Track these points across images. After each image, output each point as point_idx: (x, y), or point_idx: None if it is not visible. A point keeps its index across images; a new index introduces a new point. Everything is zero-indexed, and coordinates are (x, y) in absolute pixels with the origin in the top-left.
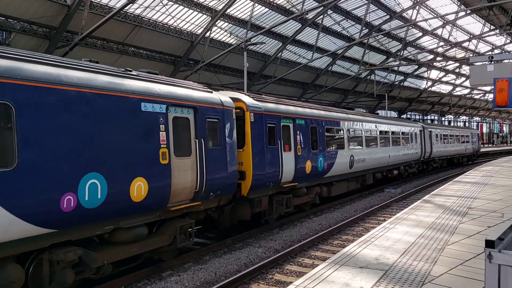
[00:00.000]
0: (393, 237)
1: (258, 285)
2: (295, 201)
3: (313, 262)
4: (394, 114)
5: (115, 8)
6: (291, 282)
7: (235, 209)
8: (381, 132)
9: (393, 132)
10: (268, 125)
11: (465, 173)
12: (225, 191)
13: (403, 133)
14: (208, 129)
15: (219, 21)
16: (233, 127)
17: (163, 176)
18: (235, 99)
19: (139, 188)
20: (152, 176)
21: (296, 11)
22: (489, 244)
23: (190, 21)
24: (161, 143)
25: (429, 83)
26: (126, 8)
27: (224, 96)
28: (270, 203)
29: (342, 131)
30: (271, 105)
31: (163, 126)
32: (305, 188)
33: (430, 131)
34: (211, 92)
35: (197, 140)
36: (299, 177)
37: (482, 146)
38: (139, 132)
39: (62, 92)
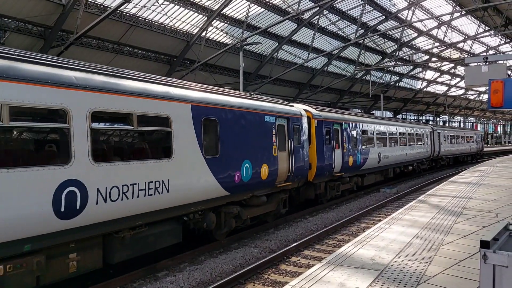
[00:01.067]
0: (389, 237)
1: (254, 285)
2: (341, 187)
3: (309, 262)
4: (389, 114)
5: (110, 8)
6: (286, 282)
7: (305, 190)
8: (400, 133)
9: (409, 134)
10: (325, 128)
11: (460, 173)
12: (302, 176)
13: (416, 134)
14: (294, 132)
15: (215, 21)
16: (307, 131)
17: (275, 164)
18: (305, 110)
19: (264, 171)
20: (270, 163)
21: (292, 11)
22: (484, 244)
23: (186, 20)
24: (273, 142)
25: (424, 84)
26: (121, 8)
27: (301, 109)
28: (325, 188)
29: (373, 133)
30: (327, 114)
31: (274, 130)
32: (348, 177)
33: (439, 132)
34: (293, 106)
35: (289, 140)
36: (344, 169)
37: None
38: (264, 134)
39: (234, 111)
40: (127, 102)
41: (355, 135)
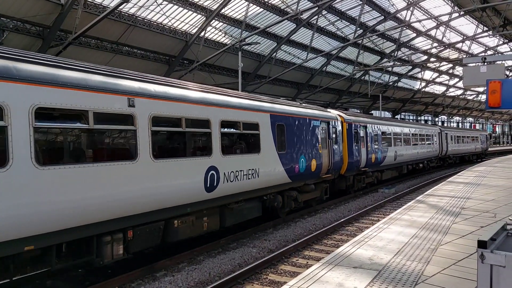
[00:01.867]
0: (387, 237)
1: (252, 285)
2: (366, 180)
3: (307, 262)
4: (388, 114)
5: (109, 7)
6: (285, 282)
7: (338, 181)
8: (412, 134)
9: (420, 134)
10: (354, 130)
11: (458, 174)
12: (337, 170)
13: (426, 135)
14: (332, 133)
15: (213, 21)
16: (341, 132)
17: (320, 159)
18: (339, 115)
19: (313, 164)
20: (317, 159)
21: (291, 11)
22: (482, 244)
23: (185, 20)
24: (319, 141)
25: (423, 84)
26: (120, 8)
27: (336, 114)
28: (353, 180)
29: (390, 134)
30: (354, 118)
31: (319, 132)
32: (371, 172)
33: (446, 133)
34: (330, 112)
35: (329, 140)
36: (368, 165)
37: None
38: (312, 135)
39: (294, 117)
40: (238, 115)
41: (376, 136)
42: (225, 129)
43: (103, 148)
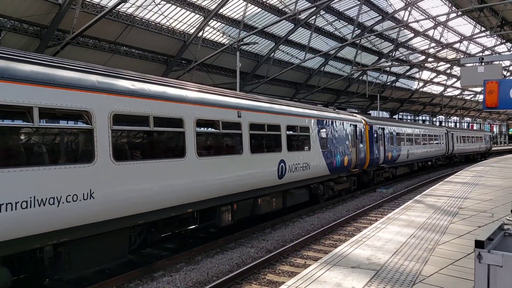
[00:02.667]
0: (385, 237)
1: (251, 285)
2: (384, 175)
3: (305, 262)
4: (386, 114)
5: (107, 7)
6: (283, 282)
7: (362, 176)
8: (422, 135)
9: (429, 135)
10: (374, 132)
11: (456, 174)
12: (362, 165)
13: (434, 135)
14: (358, 134)
15: (211, 20)
16: (364, 133)
17: (350, 156)
18: (363, 118)
19: (346, 160)
20: (348, 155)
21: (289, 11)
22: (479, 244)
23: (183, 20)
24: (349, 141)
25: (421, 84)
26: (118, 7)
27: (360, 117)
28: (373, 175)
29: (404, 135)
30: (374, 121)
31: (349, 133)
32: (387, 168)
33: (452, 134)
34: (356, 116)
35: (356, 140)
36: (385, 161)
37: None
38: (345, 136)
39: (332, 121)
40: (297, 120)
41: (392, 136)
42: (290, 132)
43: (225, 145)
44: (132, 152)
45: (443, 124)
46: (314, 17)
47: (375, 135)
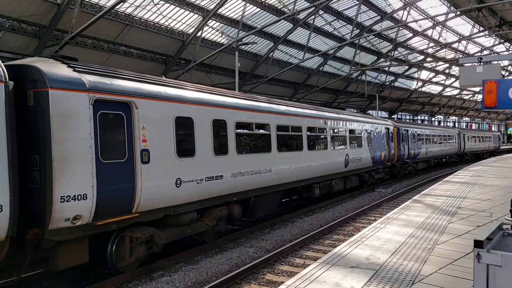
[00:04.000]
0: (384, 236)
1: (250, 285)
2: (407, 169)
3: (304, 262)
4: (385, 114)
5: (105, 7)
6: (282, 282)
7: (391, 168)
8: (438, 135)
9: (443, 135)
10: (400, 132)
11: (454, 173)
12: (392, 160)
13: (448, 135)
14: (390, 134)
15: (210, 20)
16: (393, 134)
17: (385, 152)
18: (392, 123)
19: (382, 155)
20: (384, 152)
21: (288, 11)
22: (478, 244)
23: (182, 20)
24: (384, 140)
25: (420, 84)
26: (116, 7)
27: (390, 122)
28: (399, 168)
29: (423, 135)
30: (401, 124)
31: (384, 134)
32: (410, 163)
33: (464, 134)
34: (388, 120)
35: (388, 139)
36: (409, 158)
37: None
38: (382, 137)
39: (376, 126)
40: (357, 125)
41: (414, 137)
42: (351, 134)
43: (319, 143)
44: (284, 146)
45: (442, 124)
46: (313, 17)
47: (401, 136)
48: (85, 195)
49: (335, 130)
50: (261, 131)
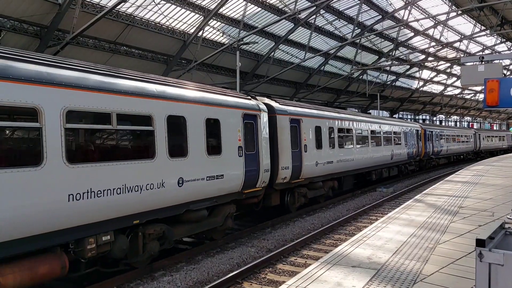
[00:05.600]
0: (385, 236)
1: (251, 284)
2: (431, 163)
3: (306, 262)
4: (386, 113)
5: (107, 7)
6: (283, 282)
7: (420, 163)
8: (457, 135)
9: (461, 135)
10: (427, 133)
11: (456, 173)
12: (420, 156)
13: (465, 135)
14: (419, 135)
15: (211, 20)
16: (421, 134)
17: (416, 149)
18: (420, 125)
19: (414, 151)
20: (415, 149)
21: (289, 11)
22: (480, 243)
23: (183, 20)
24: (415, 139)
25: (421, 83)
26: (118, 7)
27: (418, 124)
28: (426, 162)
29: (444, 135)
30: (426, 126)
31: (414, 135)
32: (434, 158)
33: (479, 134)
34: (417, 124)
35: (417, 139)
36: (433, 154)
37: None
38: (413, 137)
39: (406, 127)
40: (399, 128)
41: (437, 136)
42: (394, 135)
43: (372, 141)
44: (360, 142)
45: (443, 123)
46: (314, 16)
47: (427, 136)
48: (287, 167)
49: (386, 132)
50: (350, 134)
